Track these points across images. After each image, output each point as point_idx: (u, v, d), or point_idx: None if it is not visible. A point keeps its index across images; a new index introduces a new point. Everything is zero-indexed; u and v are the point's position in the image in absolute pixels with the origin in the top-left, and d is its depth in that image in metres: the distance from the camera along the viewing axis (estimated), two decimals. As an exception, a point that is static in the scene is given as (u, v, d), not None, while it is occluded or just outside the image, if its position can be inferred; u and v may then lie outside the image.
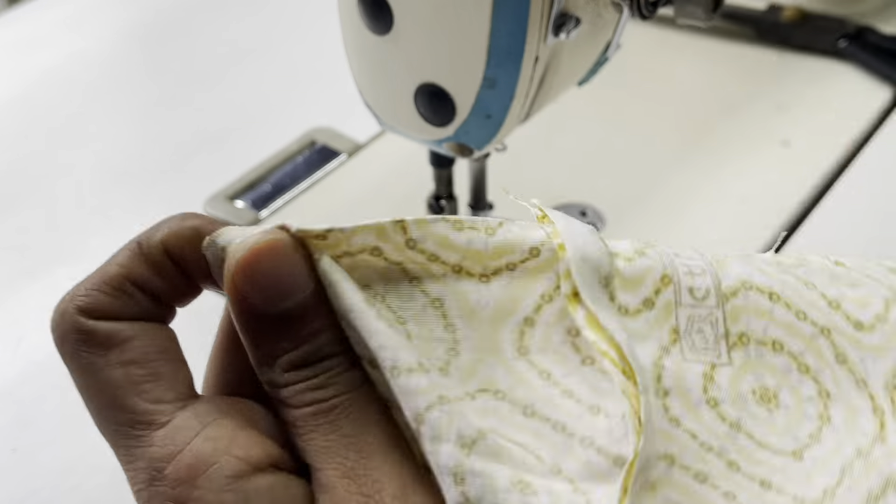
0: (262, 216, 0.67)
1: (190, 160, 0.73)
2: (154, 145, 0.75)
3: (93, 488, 0.50)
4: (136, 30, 0.90)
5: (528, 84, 0.46)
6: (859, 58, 0.77)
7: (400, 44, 0.46)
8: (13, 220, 0.68)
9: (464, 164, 0.56)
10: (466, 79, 0.46)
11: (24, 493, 0.50)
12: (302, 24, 0.88)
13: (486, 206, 0.58)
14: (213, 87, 0.81)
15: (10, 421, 0.54)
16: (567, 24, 0.45)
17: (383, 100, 0.50)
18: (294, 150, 0.72)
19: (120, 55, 0.86)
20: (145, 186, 0.71)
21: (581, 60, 0.49)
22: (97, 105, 0.80)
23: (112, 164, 0.73)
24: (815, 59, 0.79)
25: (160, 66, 0.85)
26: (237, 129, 0.76)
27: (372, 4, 0.46)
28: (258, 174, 0.70)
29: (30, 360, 0.57)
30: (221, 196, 0.68)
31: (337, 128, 0.74)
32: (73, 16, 0.90)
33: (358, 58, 0.49)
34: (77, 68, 0.84)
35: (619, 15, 0.48)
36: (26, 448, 0.53)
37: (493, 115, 0.47)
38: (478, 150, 0.50)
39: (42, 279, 0.63)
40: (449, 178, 0.57)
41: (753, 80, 0.78)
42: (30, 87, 0.82)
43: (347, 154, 0.72)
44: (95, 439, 0.52)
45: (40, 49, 0.86)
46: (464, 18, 0.44)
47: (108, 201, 0.69)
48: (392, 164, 0.70)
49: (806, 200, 0.66)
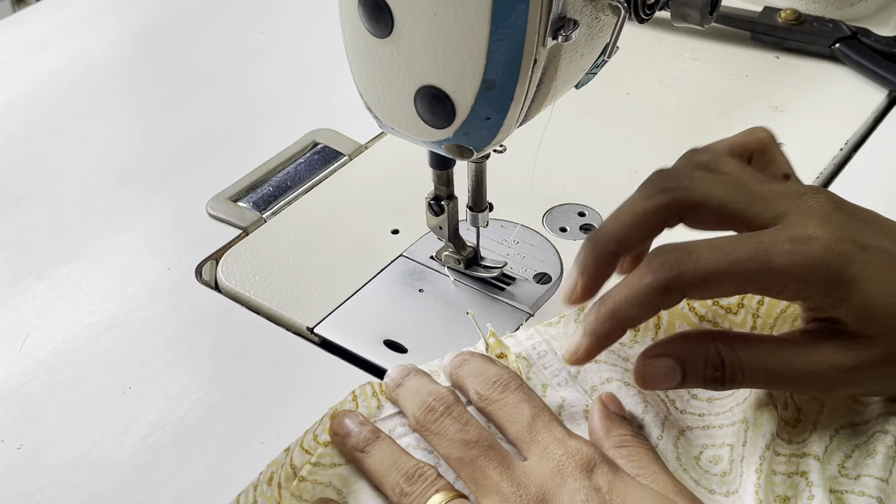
0: (265, 217, 0.67)
1: (193, 161, 0.74)
2: (157, 146, 0.76)
3: (97, 485, 0.51)
4: (140, 32, 0.90)
5: (526, 86, 0.47)
6: (854, 60, 0.78)
7: (400, 46, 0.47)
8: (18, 219, 0.69)
9: (463, 166, 0.56)
10: (466, 81, 0.46)
11: (30, 490, 0.51)
12: (303, 27, 0.89)
13: (485, 207, 0.58)
14: (215, 88, 0.82)
15: (16, 419, 0.54)
16: (565, 27, 0.46)
17: (383, 102, 0.50)
18: (296, 152, 0.73)
19: (123, 57, 0.87)
20: (148, 187, 0.71)
21: (579, 63, 0.50)
22: (101, 106, 0.80)
23: (116, 165, 0.74)
24: (810, 62, 0.80)
25: (163, 68, 0.85)
26: (239, 131, 0.77)
27: (372, 7, 0.46)
28: (260, 175, 0.71)
29: (35, 358, 0.58)
30: (223, 197, 0.69)
31: (338, 129, 0.75)
32: (76, 18, 0.91)
33: (358, 60, 0.50)
34: (81, 70, 0.84)
35: (617, 18, 0.48)
36: (31, 445, 0.53)
37: (493, 117, 0.48)
38: (477, 152, 0.50)
39: (47, 278, 0.63)
40: (449, 180, 0.57)
41: (749, 82, 0.79)
42: (34, 89, 0.82)
43: (349, 155, 0.73)
44: (99, 437, 0.53)
45: (45, 51, 0.87)
46: (463, 21, 0.44)
47: (111, 202, 0.70)
48: (393, 166, 0.71)
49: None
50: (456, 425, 0.47)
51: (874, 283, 0.44)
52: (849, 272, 0.44)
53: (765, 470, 0.45)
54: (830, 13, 0.82)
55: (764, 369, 0.46)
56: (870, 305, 0.44)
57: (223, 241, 0.66)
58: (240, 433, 0.53)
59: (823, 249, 0.44)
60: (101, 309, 0.61)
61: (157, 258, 0.65)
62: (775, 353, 0.46)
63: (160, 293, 0.62)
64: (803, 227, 0.45)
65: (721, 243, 0.45)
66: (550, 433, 0.47)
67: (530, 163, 0.67)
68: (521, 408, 0.48)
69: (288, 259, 0.63)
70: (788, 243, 0.44)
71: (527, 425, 0.47)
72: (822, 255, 0.44)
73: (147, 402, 0.55)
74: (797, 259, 0.44)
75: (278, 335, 0.59)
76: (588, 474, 0.44)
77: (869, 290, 0.44)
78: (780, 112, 0.75)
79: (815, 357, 0.46)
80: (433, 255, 0.62)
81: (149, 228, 0.68)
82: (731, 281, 0.45)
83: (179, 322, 0.60)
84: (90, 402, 0.55)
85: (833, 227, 0.45)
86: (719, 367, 0.46)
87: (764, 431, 0.46)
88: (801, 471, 0.46)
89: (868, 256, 0.45)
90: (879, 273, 0.45)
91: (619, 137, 0.73)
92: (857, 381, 0.46)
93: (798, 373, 0.46)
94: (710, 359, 0.46)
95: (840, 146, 0.71)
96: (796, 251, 0.44)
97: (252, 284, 0.61)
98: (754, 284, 0.45)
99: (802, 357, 0.46)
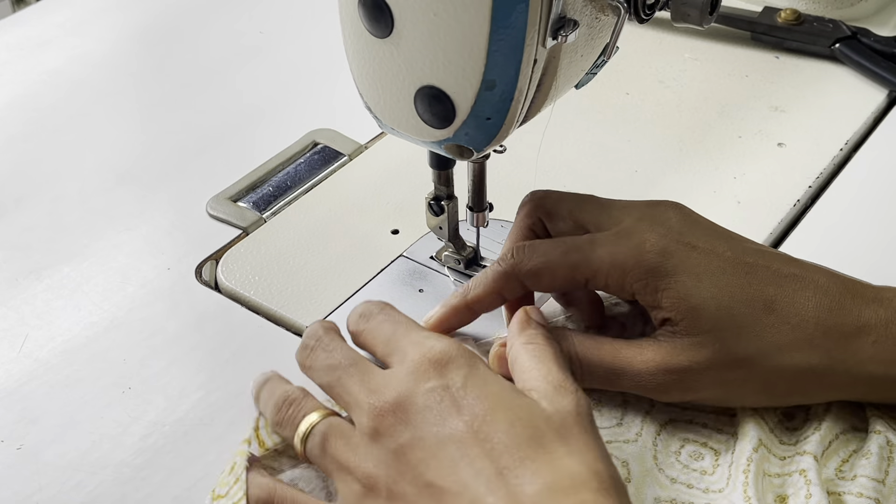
0: (265, 217, 0.67)
1: (192, 161, 0.74)
2: (157, 146, 0.76)
3: (97, 485, 0.51)
4: (140, 32, 0.90)
5: (526, 86, 0.47)
6: (854, 60, 0.78)
7: (400, 46, 0.47)
8: (18, 219, 0.69)
9: (463, 166, 0.56)
10: (466, 81, 0.46)
11: (30, 491, 0.51)
12: (303, 27, 0.89)
13: (485, 207, 0.58)
14: (215, 88, 0.82)
15: (16, 419, 0.54)
16: (565, 27, 0.46)
17: (384, 102, 0.50)
18: (296, 152, 0.73)
19: (123, 57, 0.87)
20: (148, 187, 0.71)
21: (579, 63, 0.50)
22: (101, 106, 0.80)
23: (115, 165, 0.74)
24: (810, 62, 0.80)
25: (163, 68, 0.85)
26: (239, 131, 0.77)
27: (372, 7, 0.46)
28: (260, 175, 0.71)
29: (35, 358, 0.58)
30: (224, 197, 0.69)
31: (338, 129, 0.75)
32: (76, 18, 0.91)
33: (358, 60, 0.50)
34: (81, 70, 0.84)
35: (617, 18, 0.48)
36: (31, 446, 0.53)
37: (493, 118, 0.48)
38: (477, 152, 0.50)
39: (47, 279, 0.63)
40: (449, 180, 0.57)
41: (749, 82, 0.79)
42: (34, 89, 0.82)
43: (349, 155, 0.73)
44: (99, 437, 0.53)
45: (45, 51, 0.87)
46: (463, 21, 0.44)
47: (111, 202, 0.70)
48: (393, 166, 0.71)
49: (801, 202, 0.67)
50: (323, 354, 0.49)
51: (693, 277, 0.47)
52: (668, 264, 0.47)
53: (752, 470, 0.45)
54: (830, 13, 0.82)
55: (602, 366, 0.48)
56: (689, 298, 0.47)
57: (223, 241, 0.66)
58: (240, 433, 0.53)
59: (644, 242, 0.48)
60: (101, 309, 0.61)
61: (157, 258, 0.65)
62: (614, 352, 0.48)
63: (160, 293, 0.62)
64: (634, 226, 0.49)
65: (560, 240, 0.50)
66: (408, 338, 0.47)
67: (530, 163, 0.67)
68: (383, 327, 0.49)
69: (288, 259, 0.63)
70: (614, 237, 0.49)
71: (387, 339, 0.48)
72: (642, 246, 0.48)
73: (147, 402, 0.55)
74: (618, 249, 0.49)
75: (278, 335, 0.59)
76: (441, 371, 0.44)
77: (688, 283, 0.47)
78: (780, 112, 0.75)
79: (650, 357, 0.48)
80: (433, 256, 0.62)
81: (149, 228, 0.68)
82: (561, 270, 0.50)
83: (179, 322, 0.60)
84: (90, 402, 0.55)
85: (662, 227, 0.49)
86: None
87: (750, 437, 0.47)
88: (801, 469, 0.46)
89: (692, 253, 0.48)
90: (701, 269, 0.47)
91: (619, 137, 0.73)
92: (692, 386, 0.48)
93: (633, 372, 0.48)
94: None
95: (840, 146, 0.71)
96: (618, 242, 0.49)
97: (252, 284, 0.61)
98: (580, 274, 0.50)
99: (638, 357, 0.48)
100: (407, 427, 0.43)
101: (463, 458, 0.41)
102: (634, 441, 0.48)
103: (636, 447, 0.48)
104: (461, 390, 0.43)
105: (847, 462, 0.47)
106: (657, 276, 0.47)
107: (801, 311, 0.47)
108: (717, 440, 0.48)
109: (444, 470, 0.42)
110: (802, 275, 0.48)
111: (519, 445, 0.41)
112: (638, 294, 0.48)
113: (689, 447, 0.48)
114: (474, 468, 0.41)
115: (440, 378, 0.44)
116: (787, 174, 0.69)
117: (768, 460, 0.47)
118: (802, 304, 0.47)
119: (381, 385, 0.45)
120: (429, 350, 0.45)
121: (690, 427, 0.49)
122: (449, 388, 0.44)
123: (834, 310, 0.47)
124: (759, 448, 0.46)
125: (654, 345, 0.48)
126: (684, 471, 0.47)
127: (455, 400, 0.43)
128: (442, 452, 0.42)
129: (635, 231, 0.49)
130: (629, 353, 0.48)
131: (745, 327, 0.46)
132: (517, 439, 0.41)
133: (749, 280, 0.47)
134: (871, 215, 0.65)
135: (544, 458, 0.41)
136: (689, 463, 0.47)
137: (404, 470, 0.43)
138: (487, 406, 0.43)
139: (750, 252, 0.49)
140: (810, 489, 0.45)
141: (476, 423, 0.42)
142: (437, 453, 0.42)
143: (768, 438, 0.47)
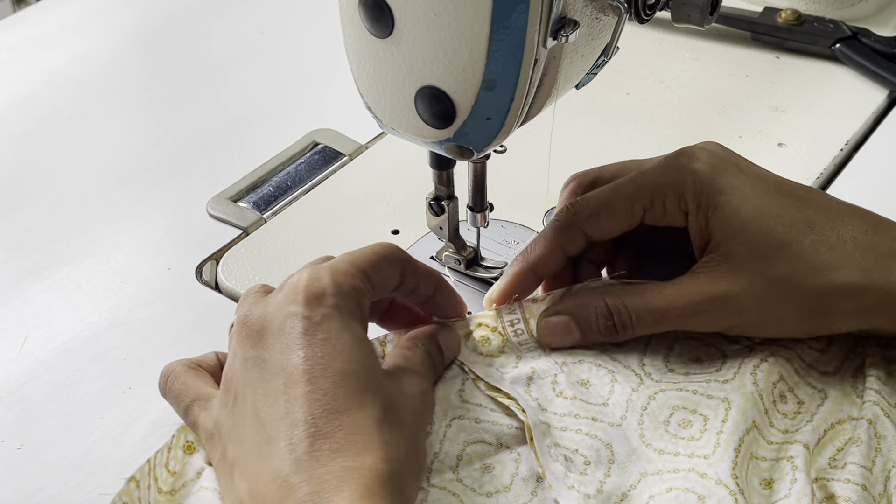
0: (265, 217, 0.67)
1: (193, 162, 0.74)
2: (157, 147, 0.76)
3: (97, 485, 0.51)
4: (140, 32, 0.90)
5: (527, 86, 0.47)
6: (854, 60, 0.78)
7: (400, 46, 0.47)
8: (18, 219, 0.69)
9: (464, 166, 0.56)
10: (466, 81, 0.46)
11: (30, 490, 0.51)
12: (303, 27, 0.89)
13: (485, 207, 0.58)
14: (216, 89, 0.82)
15: (16, 418, 0.54)
16: (566, 28, 0.46)
17: (384, 102, 0.50)
18: (296, 152, 0.73)
19: (123, 57, 0.87)
20: (149, 187, 0.71)
21: (580, 63, 0.50)
22: (101, 106, 0.80)
23: (116, 165, 0.74)
24: (810, 62, 0.80)
25: (163, 68, 0.85)
26: (240, 131, 0.77)
27: (373, 7, 0.46)
28: (261, 175, 0.71)
29: (35, 358, 0.58)
30: (224, 197, 0.69)
31: (338, 129, 0.75)
32: (77, 19, 0.91)
33: (359, 60, 0.50)
34: (81, 70, 0.84)
35: (618, 18, 0.48)
36: (32, 445, 0.53)
37: (493, 118, 0.48)
38: (477, 152, 0.50)
39: (47, 279, 0.63)
40: (449, 180, 0.57)
41: (749, 82, 0.79)
42: (34, 89, 0.82)
43: (349, 155, 0.73)
44: (99, 437, 0.53)
45: (45, 51, 0.87)
46: (464, 21, 0.44)
47: (111, 202, 0.70)
48: (393, 166, 0.71)
49: (801, 201, 0.67)
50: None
51: (740, 196, 0.48)
52: (721, 180, 0.49)
53: (743, 451, 0.46)
54: (830, 13, 0.82)
55: (649, 310, 0.49)
56: (736, 217, 0.48)
57: (223, 241, 0.66)
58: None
59: (696, 160, 0.49)
60: (101, 309, 0.61)
61: (157, 258, 0.65)
62: (657, 293, 0.49)
63: (160, 293, 0.62)
64: (680, 152, 0.50)
65: (611, 183, 0.52)
66: (308, 267, 0.46)
67: (531, 163, 0.67)
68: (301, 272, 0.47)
69: (288, 259, 0.63)
70: (663, 162, 0.50)
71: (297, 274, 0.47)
72: (694, 164, 0.49)
73: (147, 402, 0.55)
74: (670, 171, 0.50)
75: (278, 335, 0.59)
76: (311, 304, 0.44)
77: (734, 201, 0.48)
78: (780, 112, 0.75)
79: (692, 289, 0.48)
80: (433, 256, 0.62)
81: (149, 228, 0.68)
82: (619, 205, 0.50)
83: (179, 322, 0.60)
84: (90, 402, 0.55)
85: (706, 152, 0.50)
86: (609, 316, 0.49)
87: (747, 416, 0.47)
88: (789, 456, 0.46)
89: (739, 174, 0.49)
90: (748, 189, 0.49)
91: (619, 137, 0.73)
92: (734, 310, 0.48)
93: (680, 308, 0.49)
94: (600, 310, 0.49)
95: (840, 146, 0.71)
96: (669, 165, 0.50)
97: (252, 284, 0.61)
98: (638, 203, 0.50)
99: (680, 291, 0.49)
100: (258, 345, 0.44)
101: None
102: (619, 425, 0.48)
103: (619, 430, 0.48)
104: (319, 325, 0.43)
105: (842, 451, 0.47)
106: (711, 192, 0.49)
107: (840, 232, 0.48)
108: (706, 406, 0.48)
109: (268, 399, 0.42)
110: (841, 203, 0.50)
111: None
112: (692, 214, 0.49)
113: (679, 415, 0.48)
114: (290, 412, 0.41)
115: (307, 308, 0.43)
116: (788, 174, 0.68)
117: (758, 443, 0.47)
118: (841, 225, 0.48)
119: (258, 308, 0.45)
120: (308, 278, 0.44)
121: (680, 395, 0.49)
122: (310, 318, 0.43)
123: (870, 231, 0.48)
124: (751, 430, 0.46)
125: (693, 278, 0.49)
126: (672, 440, 0.47)
127: (309, 330, 0.43)
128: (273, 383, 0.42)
129: (683, 154, 0.50)
130: (670, 291, 0.49)
131: (784, 247, 0.48)
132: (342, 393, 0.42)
133: (791, 202, 0.49)
134: (871, 215, 0.65)
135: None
136: (677, 432, 0.48)
137: (248, 381, 0.43)
138: (329, 349, 0.43)
139: (791, 182, 0.51)
140: (796, 475, 0.45)
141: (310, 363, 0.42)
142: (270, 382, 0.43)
143: (762, 420, 0.47)
